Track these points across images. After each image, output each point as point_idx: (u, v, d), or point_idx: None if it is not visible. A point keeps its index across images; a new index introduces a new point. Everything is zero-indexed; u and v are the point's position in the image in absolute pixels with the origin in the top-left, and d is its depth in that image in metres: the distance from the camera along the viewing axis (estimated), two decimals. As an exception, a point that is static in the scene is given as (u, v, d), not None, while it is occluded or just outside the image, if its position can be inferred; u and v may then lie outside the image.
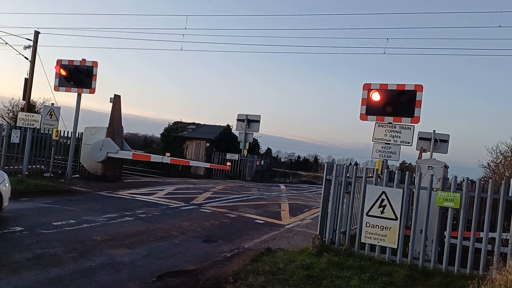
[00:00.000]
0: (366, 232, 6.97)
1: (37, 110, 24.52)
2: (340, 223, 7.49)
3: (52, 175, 13.87)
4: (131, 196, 11.82)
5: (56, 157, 14.63)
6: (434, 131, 14.41)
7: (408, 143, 9.41)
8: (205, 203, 11.91)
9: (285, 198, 15.60)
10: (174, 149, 26.96)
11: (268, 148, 35.88)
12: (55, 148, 14.27)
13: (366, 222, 6.99)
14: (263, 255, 6.47)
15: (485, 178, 14.24)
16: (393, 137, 9.42)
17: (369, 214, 6.98)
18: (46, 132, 14.37)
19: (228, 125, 28.83)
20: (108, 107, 15.34)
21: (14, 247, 5.79)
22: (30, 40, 22.82)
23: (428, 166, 7.38)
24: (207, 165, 21.90)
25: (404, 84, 9.19)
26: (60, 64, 13.74)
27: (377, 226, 6.89)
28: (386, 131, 9.44)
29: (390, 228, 6.81)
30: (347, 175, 7.45)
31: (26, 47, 22.87)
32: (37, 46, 22.89)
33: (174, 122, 30.09)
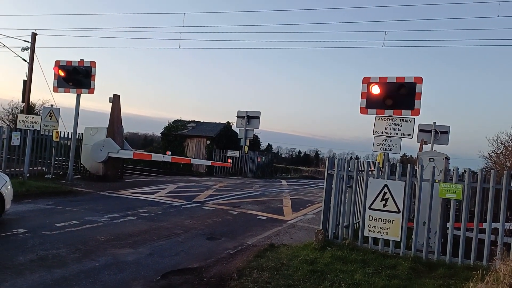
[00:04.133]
0: (369, 226, 6.97)
1: (37, 112, 24.46)
2: (342, 217, 7.49)
3: (53, 176, 13.88)
4: (133, 196, 11.83)
5: (57, 158, 14.64)
6: (435, 123, 14.40)
7: (409, 135, 9.40)
8: (207, 200, 11.91)
9: (287, 193, 15.60)
10: (174, 148, 26.93)
11: (268, 144, 36.02)
12: (55, 150, 14.28)
13: (369, 216, 6.99)
14: (267, 251, 6.48)
15: (487, 169, 14.24)
16: (393, 130, 9.40)
17: (371, 207, 6.98)
18: (46, 133, 14.37)
19: (228, 122, 28.79)
20: (108, 107, 15.35)
21: (17, 249, 5.79)
22: (28, 41, 22.76)
23: (430, 158, 7.36)
24: (208, 162, 21.90)
25: (404, 77, 9.16)
26: (58, 65, 13.71)
27: (380, 220, 6.89)
28: (387, 124, 9.42)
29: (393, 221, 6.81)
30: (349, 169, 7.44)
31: (24, 49, 22.78)
32: (35, 48, 22.84)
33: (174, 120, 30.05)
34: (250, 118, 25.13)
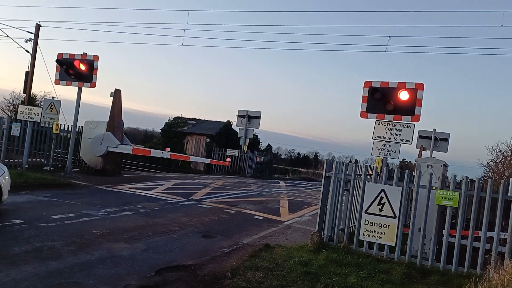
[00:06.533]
0: (365, 230, 6.99)
1: (38, 104, 24.47)
2: (338, 220, 7.50)
3: (52, 168, 13.88)
4: (130, 191, 11.84)
5: (56, 150, 14.64)
6: (435, 129, 14.41)
7: (408, 141, 9.41)
8: (204, 198, 11.92)
9: (284, 194, 15.62)
10: (174, 144, 26.94)
11: (268, 144, 35.94)
12: (55, 142, 14.28)
13: (365, 220, 7.00)
14: (262, 251, 6.49)
15: (485, 177, 14.26)
16: (393, 135, 9.41)
17: (367, 211, 6.99)
18: (47, 125, 14.37)
19: (228, 121, 28.82)
20: (109, 101, 15.35)
21: (13, 240, 5.80)
22: (31, 33, 22.76)
23: (428, 165, 7.37)
24: (207, 160, 21.91)
25: (405, 83, 9.17)
26: (61, 57, 13.71)
27: (375, 224, 6.91)
28: (386, 129, 9.43)
29: (388, 226, 6.82)
30: (347, 172, 7.46)
31: (27, 40, 22.80)
32: (38, 39, 22.85)
33: (175, 117, 30.06)
34: (250, 118, 25.16)
